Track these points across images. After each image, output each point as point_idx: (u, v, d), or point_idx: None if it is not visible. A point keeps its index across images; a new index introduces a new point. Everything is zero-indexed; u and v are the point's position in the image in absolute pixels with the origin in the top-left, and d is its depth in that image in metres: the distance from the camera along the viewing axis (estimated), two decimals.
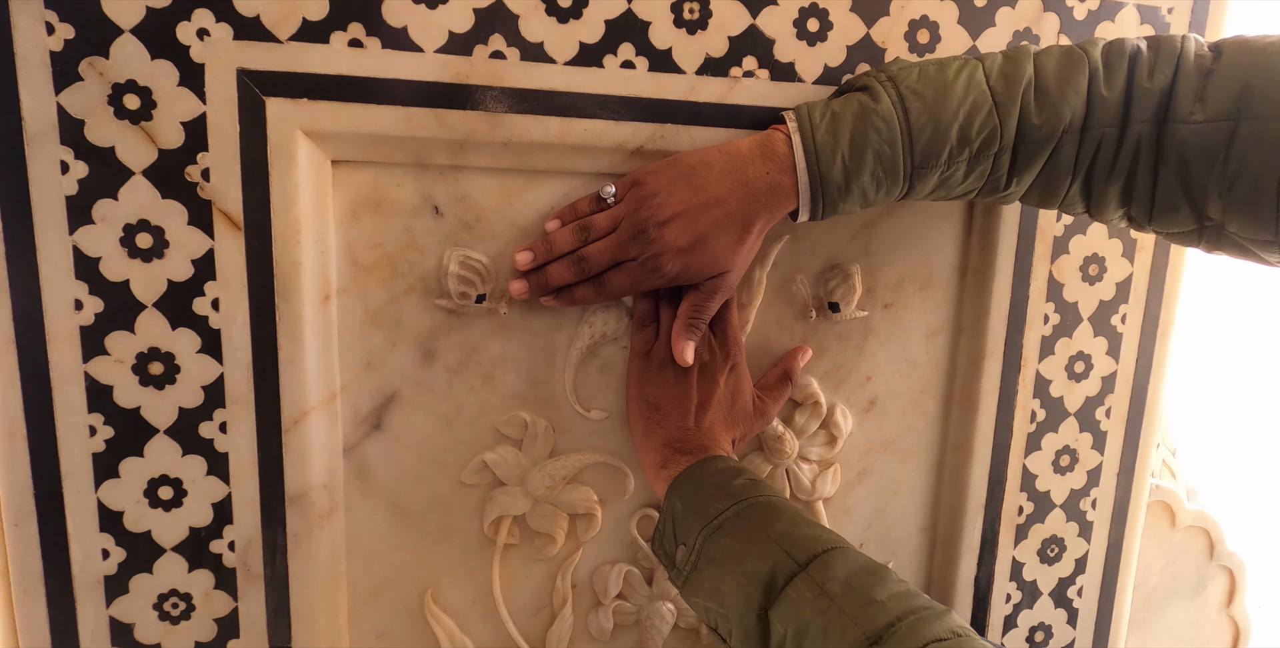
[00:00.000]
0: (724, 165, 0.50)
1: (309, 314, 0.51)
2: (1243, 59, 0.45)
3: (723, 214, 0.50)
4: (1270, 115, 0.43)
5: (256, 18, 0.47)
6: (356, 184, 0.52)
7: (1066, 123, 0.47)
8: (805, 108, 0.50)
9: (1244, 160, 0.44)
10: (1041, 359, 0.65)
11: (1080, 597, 0.71)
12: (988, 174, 0.50)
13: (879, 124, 0.48)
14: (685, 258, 0.50)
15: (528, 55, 0.51)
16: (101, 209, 0.47)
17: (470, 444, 0.57)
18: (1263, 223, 0.45)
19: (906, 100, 0.48)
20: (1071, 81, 0.47)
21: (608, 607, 0.61)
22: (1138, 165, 0.48)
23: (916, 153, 0.48)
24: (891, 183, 0.49)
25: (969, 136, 0.48)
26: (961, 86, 0.48)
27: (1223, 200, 0.46)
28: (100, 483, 0.50)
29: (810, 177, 0.49)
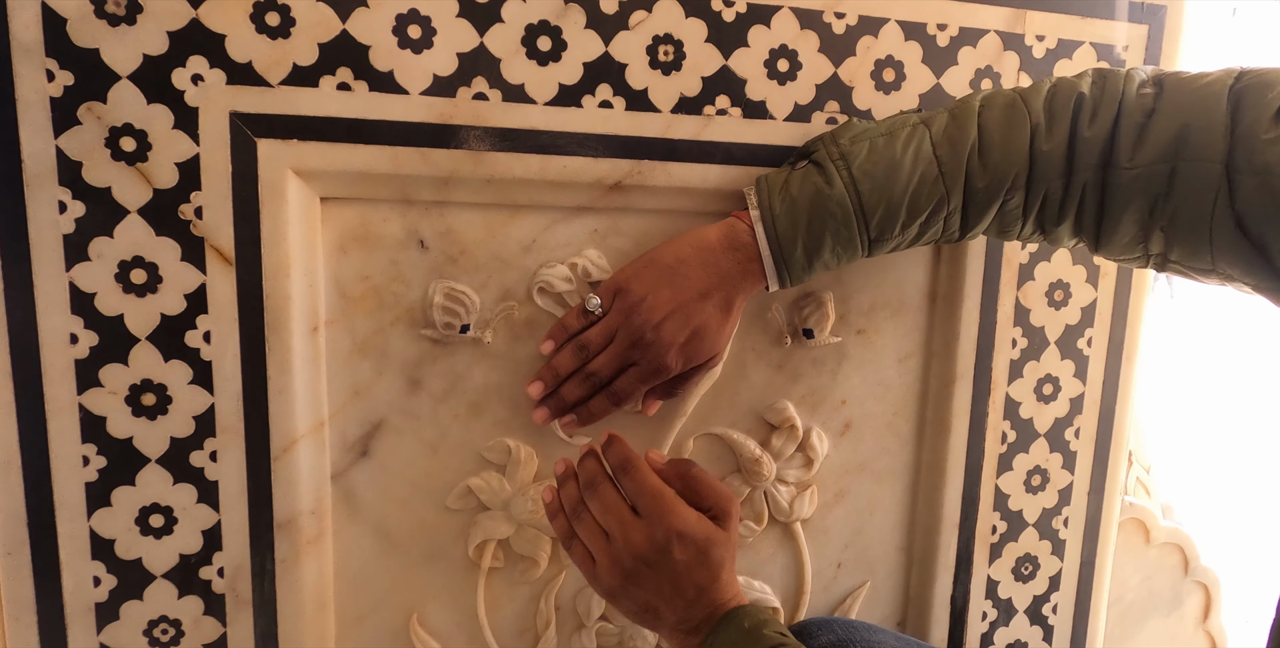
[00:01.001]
0: (698, 259, 0.53)
1: (298, 345, 0.53)
2: (1181, 99, 0.47)
3: (709, 304, 0.53)
4: (1205, 158, 0.46)
5: (249, 63, 0.49)
6: (345, 220, 0.54)
7: (1010, 180, 0.50)
8: (766, 191, 0.53)
9: (1183, 199, 0.47)
10: (1011, 382, 0.67)
11: (1055, 614, 0.73)
12: (941, 232, 0.53)
13: (834, 209, 0.51)
14: (686, 351, 0.54)
15: (509, 96, 0.53)
16: (97, 246, 0.49)
17: (455, 470, 0.58)
18: (1200, 254, 0.48)
19: (859, 183, 0.51)
20: (1014, 140, 0.50)
21: (591, 629, 0.62)
22: (1084, 207, 0.50)
23: (871, 229, 0.52)
24: (850, 254, 0.53)
25: (919, 207, 0.51)
26: (910, 161, 0.50)
27: (1164, 234, 0.49)
28: (92, 512, 0.51)
29: (776, 262, 0.53)
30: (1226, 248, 0.46)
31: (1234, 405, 1.35)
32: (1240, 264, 0.47)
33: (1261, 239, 0.45)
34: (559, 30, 0.53)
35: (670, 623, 0.51)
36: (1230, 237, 0.46)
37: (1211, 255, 0.47)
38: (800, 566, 0.66)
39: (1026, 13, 0.61)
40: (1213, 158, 0.45)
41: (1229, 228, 0.46)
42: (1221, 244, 0.46)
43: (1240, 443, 1.34)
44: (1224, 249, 0.46)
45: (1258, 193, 0.44)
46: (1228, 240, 0.46)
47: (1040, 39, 0.62)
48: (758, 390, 0.63)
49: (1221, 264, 0.48)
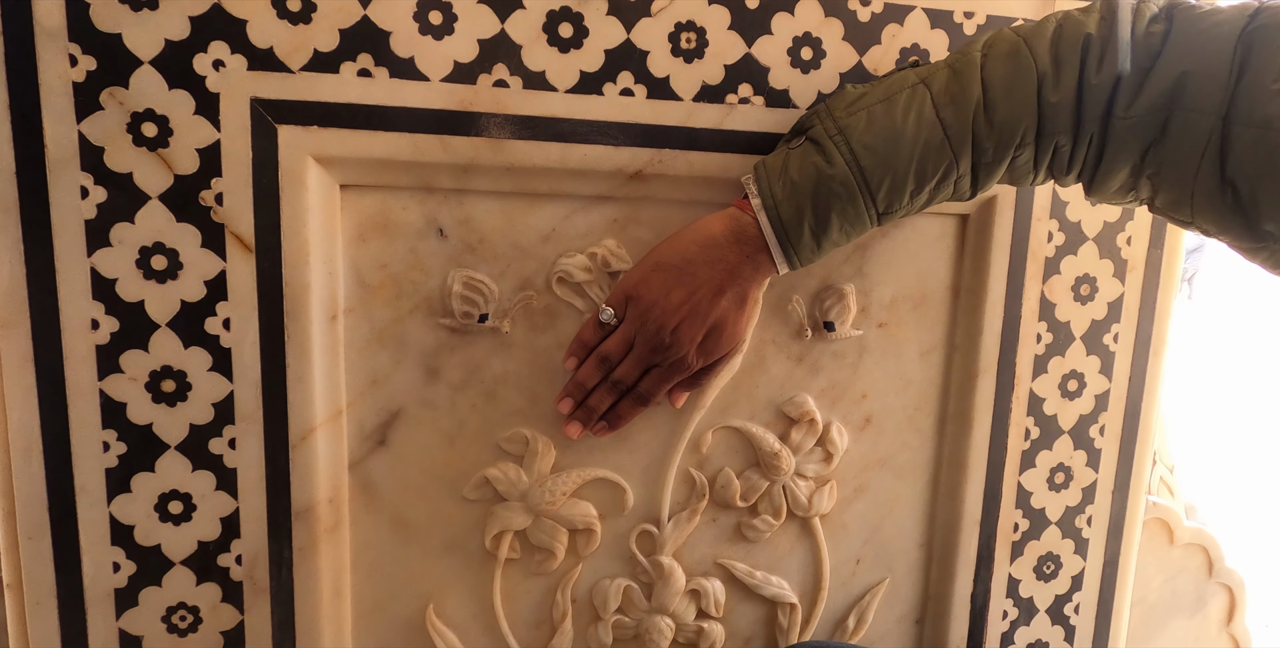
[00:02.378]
0: (705, 257, 0.52)
1: (317, 333, 0.52)
2: (1187, 41, 0.45)
3: (722, 300, 0.53)
4: (1201, 109, 0.44)
5: (270, 49, 0.49)
6: (364, 207, 0.53)
7: (1019, 137, 0.48)
8: (766, 178, 0.51)
9: (1172, 149, 0.46)
10: (1035, 377, 0.66)
11: (1077, 614, 0.72)
12: (951, 194, 0.52)
13: (837, 188, 0.49)
14: (705, 348, 0.55)
15: (530, 84, 0.52)
16: (119, 232, 0.49)
17: (473, 460, 0.58)
18: (1181, 205, 0.48)
19: (861, 158, 0.49)
20: (1020, 94, 0.47)
21: (607, 621, 0.62)
22: (1088, 157, 0.49)
23: (879, 202, 0.50)
24: (860, 229, 0.52)
25: (926, 175, 0.50)
26: (912, 127, 0.48)
27: (1150, 181, 0.48)
28: (112, 498, 0.51)
29: (783, 248, 0.52)
30: (1205, 203, 0.46)
31: (1259, 408, 1.33)
32: (1216, 220, 0.47)
33: (1252, 197, 0.44)
34: (581, 17, 0.52)
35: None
36: (1212, 192, 0.45)
37: (1191, 209, 0.47)
38: (819, 561, 0.66)
39: (1056, 0, 0.60)
40: (1208, 109, 0.44)
41: (1213, 184, 0.45)
42: (1201, 199, 0.46)
43: (1265, 445, 1.32)
44: (1203, 204, 0.46)
45: (1254, 147, 0.43)
46: (1208, 195, 0.46)
47: None
48: (777, 384, 0.62)
49: (1200, 219, 0.48)
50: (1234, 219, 0.46)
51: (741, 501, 0.63)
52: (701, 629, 0.64)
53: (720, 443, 0.62)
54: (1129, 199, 0.52)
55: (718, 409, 0.61)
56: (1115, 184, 0.50)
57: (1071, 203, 0.63)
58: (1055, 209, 0.63)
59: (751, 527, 0.63)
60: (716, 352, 0.55)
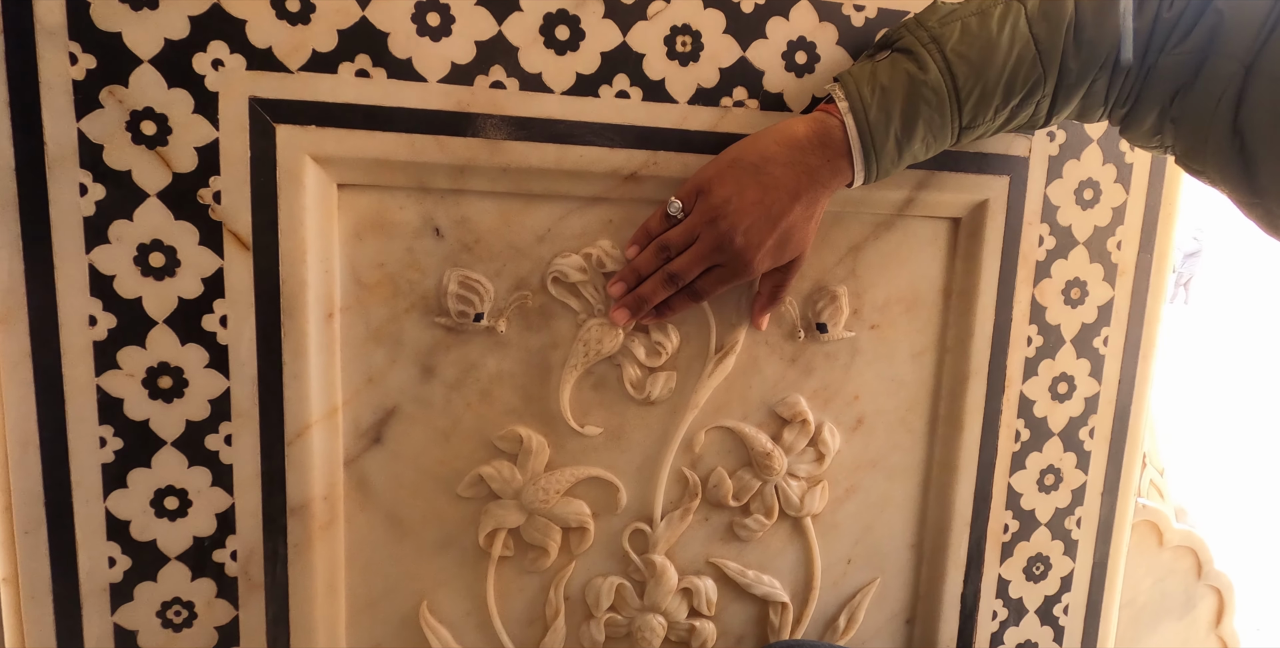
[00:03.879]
0: (786, 157, 0.51)
1: (313, 331, 0.53)
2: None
3: (797, 205, 0.52)
4: (1230, 54, 0.46)
5: (269, 49, 0.49)
6: (361, 207, 0.54)
7: (1102, 61, 0.49)
8: (853, 83, 0.51)
9: (1198, 94, 0.47)
10: (1025, 380, 0.66)
11: (1066, 615, 0.72)
12: (1029, 116, 0.52)
13: (928, 95, 0.49)
14: (773, 254, 0.53)
15: (527, 85, 0.53)
16: (117, 229, 0.49)
17: (467, 458, 0.59)
18: (1195, 153, 0.49)
19: (954, 66, 0.49)
20: (1109, 16, 0.48)
21: (599, 619, 0.62)
22: (1134, 93, 0.50)
23: (964, 115, 0.50)
24: (940, 143, 0.52)
25: (1014, 89, 0.49)
26: (1006, 40, 0.48)
27: (1174, 126, 0.49)
28: (109, 493, 0.52)
29: (866, 155, 0.51)
30: (1215, 150, 0.47)
31: (1249, 411, 1.34)
32: (1221, 169, 0.48)
33: (1255, 149, 0.45)
34: (577, 19, 0.53)
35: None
36: (1222, 139, 0.46)
37: (1204, 156, 0.48)
38: (810, 561, 0.66)
39: None
40: (1233, 55, 0.45)
41: (1224, 131, 0.46)
42: (1212, 146, 0.47)
43: (1255, 449, 1.33)
44: (1214, 152, 0.47)
45: (1269, 100, 0.44)
46: (1218, 142, 0.47)
47: None
48: (770, 384, 0.63)
49: (1209, 168, 0.49)
50: (1236, 170, 0.47)
51: (734, 500, 0.63)
52: (693, 628, 0.64)
53: (713, 443, 0.63)
54: (1155, 144, 0.52)
55: (711, 409, 0.62)
56: (1145, 124, 0.51)
57: (1062, 207, 0.64)
58: (1046, 213, 0.64)
59: (744, 526, 0.64)
60: (782, 257, 0.54)
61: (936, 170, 0.60)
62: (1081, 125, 0.63)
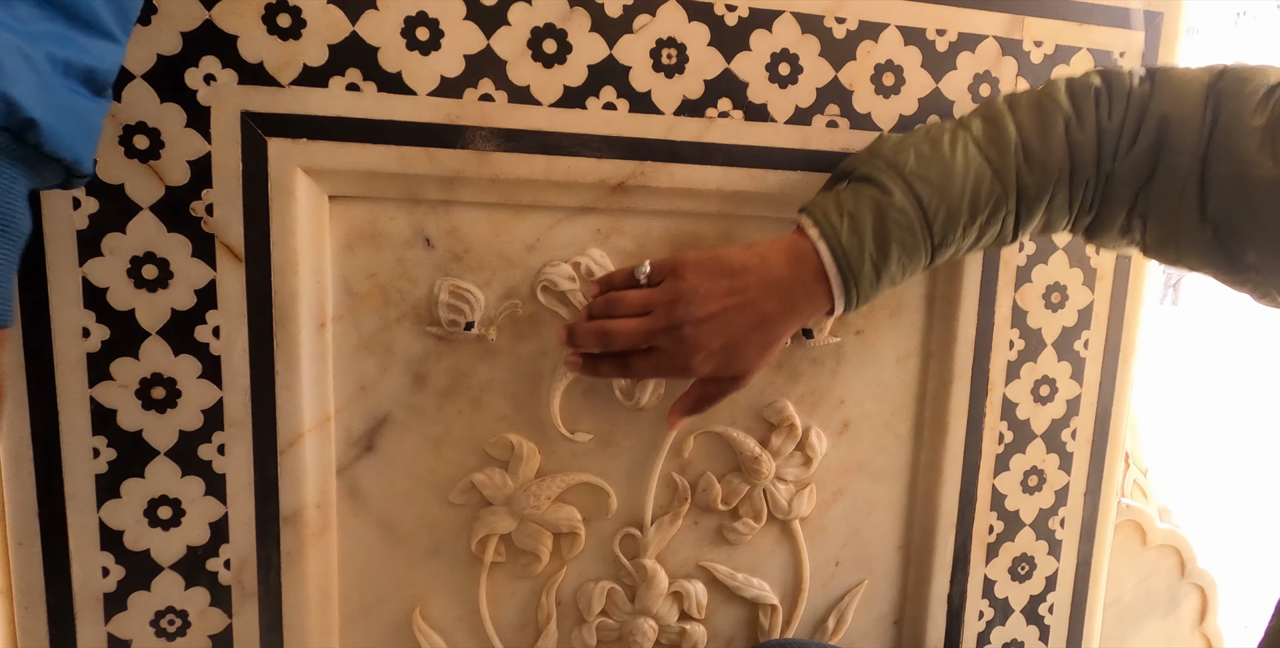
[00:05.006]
0: (761, 272, 0.51)
1: (305, 341, 0.53)
2: (1167, 90, 0.49)
3: (757, 319, 0.51)
4: (1181, 150, 0.48)
5: (260, 63, 0.50)
6: (352, 218, 0.55)
7: (1056, 175, 0.50)
8: (819, 211, 0.51)
9: (1159, 189, 0.49)
10: (1008, 383, 0.67)
11: (1051, 614, 0.73)
12: (997, 234, 0.53)
13: (896, 216, 0.49)
14: (717, 361, 0.51)
15: (515, 98, 0.54)
16: (110, 242, 0.50)
17: (459, 465, 0.59)
18: (1167, 244, 0.51)
19: (916, 188, 0.50)
20: (1052, 135, 0.50)
21: (591, 624, 0.63)
22: (1098, 198, 0.52)
23: (935, 233, 0.50)
24: (915, 264, 0.52)
25: (979, 207, 0.50)
26: (961, 162, 0.50)
27: (1143, 221, 0.51)
28: (102, 503, 0.52)
29: (844, 280, 0.50)
30: (1188, 240, 0.49)
31: (1232, 411, 1.36)
32: (1199, 255, 0.50)
33: (1231, 230, 0.47)
34: (564, 33, 0.54)
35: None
36: (1194, 228, 0.49)
37: (1177, 246, 0.50)
38: (799, 563, 0.67)
39: (1025, 18, 0.62)
40: (1186, 150, 0.48)
41: (1194, 220, 0.48)
42: (1185, 236, 0.49)
43: (1238, 447, 1.34)
44: (1187, 241, 0.50)
45: (1233, 183, 0.46)
46: (1190, 232, 0.49)
47: (1038, 44, 0.62)
48: (757, 389, 0.64)
49: (1185, 256, 0.51)
50: (1216, 254, 0.49)
51: (723, 504, 0.64)
52: (684, 631, 0.65)
53: (702, 448, 0.64)
54: (1125, 242, 0.54)
55: (699, 415, 0.62)
56: (1115, 225, 0.52)
57: None
58: None
59: (733, 530, 0.65)
60: (724, 370, 0.52)
61: None
62: None
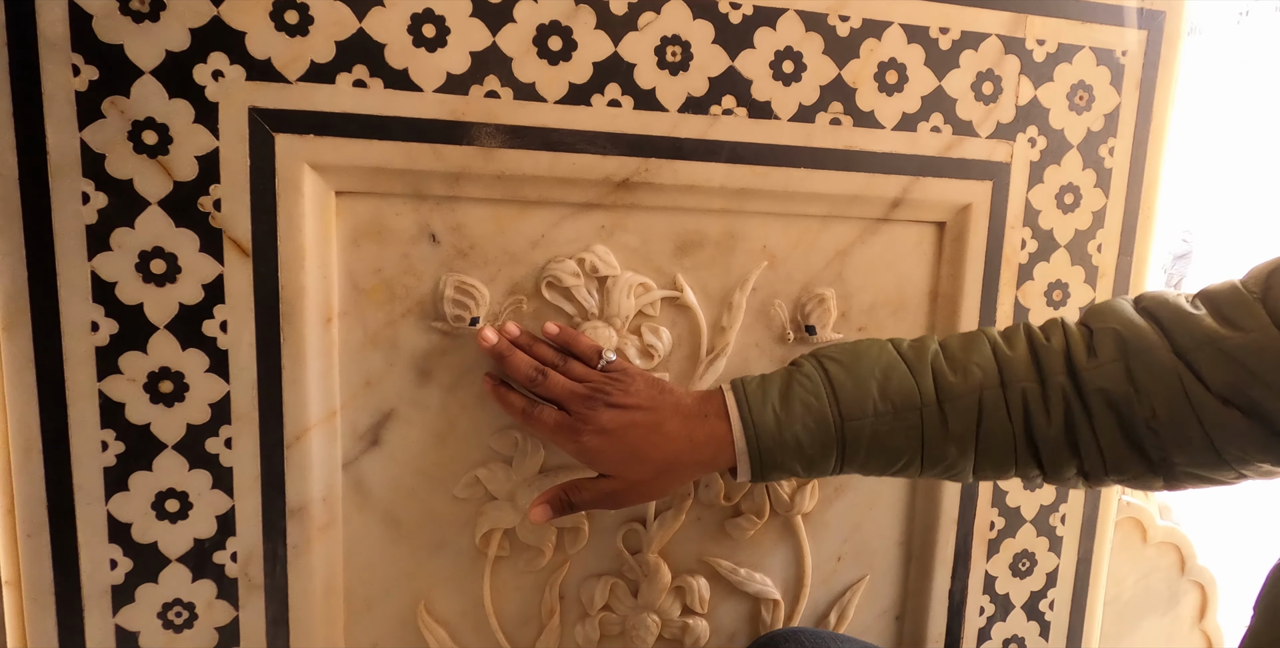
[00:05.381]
0: (675, 398, 0.54)
1: (311, 336, 0.54)
2: (1106, 319, 0.50)
3: (657, 429, 0.52)
4: (1150, 348, 0.47)
5: (268, 60, 0.50)
6: (358, 213, 0.55)
7: (981, 379, 0.50)
8: (740, 378, 0.54)
9: (1151, 389, 0.47)
10: None
11: (1052, 610, 0.74)
12: (920, 433, 0.51)
13: (803, 380, 0.52)
14: (600, 439, 0.52)
15: (520, 94, 0.54)
16: (119, 237, 0.50)
17: (463, 460, 0.60)
18: (1198, 447, 0.46)
19: (825, 363, 0.53)
20: (975, 349, 0.52)
21: (594, 618, 0.64)
22: (1072, 414, 0.49)
23: (842, 403, 0.51)
24: (824, 433, 0.51)
25: (888, 391, 0.51)
26: (874, 353, 0.52)
27: (1153, 431, 0.48)
28: (110, 496, 0.53)
29: (743, 418, 0.51)
30: (1221, 426, 0.45)
31: None
32: (1241, 441, 0.45)
33: (1253, 406, 0.44)
34: (570, 30, 0.54)
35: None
36: (1220, 413, 0.45)
37: (1212, 443, 0.46)
38: (800, 559, 0.67)
39: (1028, 17, 0.62)
40: (1157, 346, 0.47)
41: (1214, 405, 0.45)
42: (1215, 423, 0.45)
43: None
44: (1219, 428, 0.45)
45: (1219, 363, 0.44)
46: (1218, 418, 0.45)
47: (1041, 43, 0.63)
48: None
49: (1229, 450, 0.46)
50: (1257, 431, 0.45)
51: (725, 500, 0.64)
52: (686, 625, 0.65)
53: None
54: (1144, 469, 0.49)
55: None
56: (1123, 447, 0.49)
57: (1044, 211, 0.66)
58: (1028, 217, 0.65)
59: (735, 525, 0.65)
60: (601, 453, 0.52)
61: (920, 176, 0.62)
62: (1062, 131, 0.65)
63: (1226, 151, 2.53)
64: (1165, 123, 0.67)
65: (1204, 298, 0.48)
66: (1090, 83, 0.65)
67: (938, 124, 0.62)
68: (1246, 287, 0.46)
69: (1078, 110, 0.65)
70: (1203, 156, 2.92)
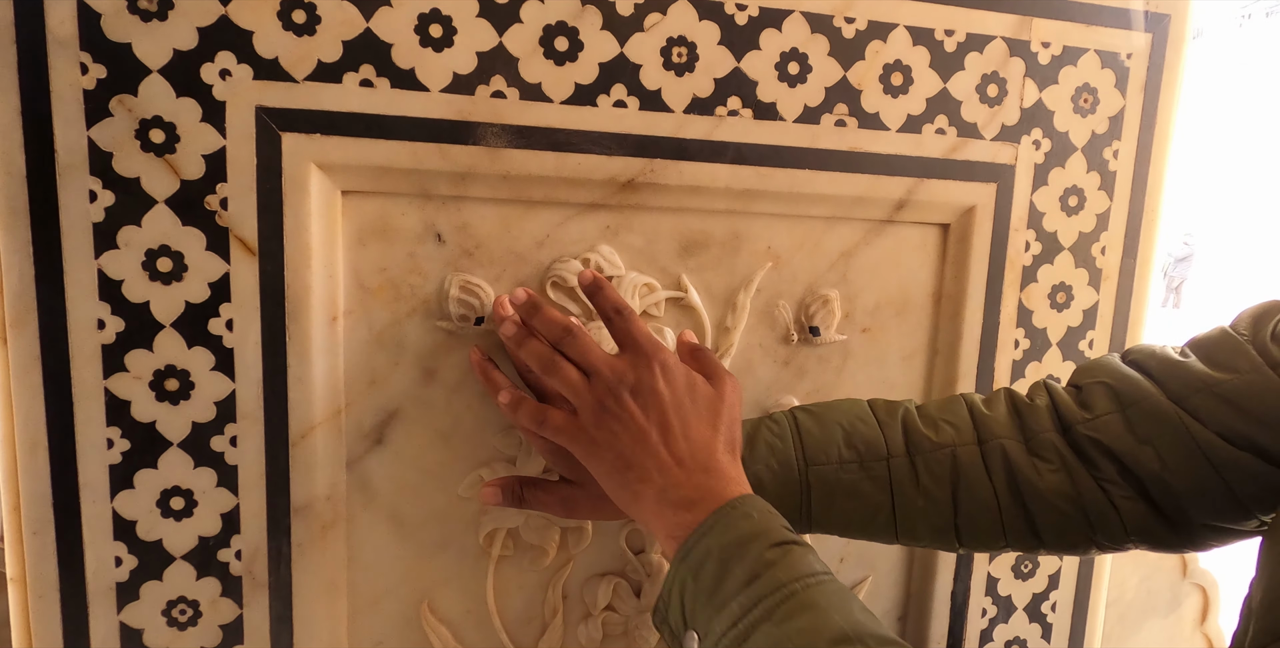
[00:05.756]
0: None
1: (317, 335, 0.54)
2: (1094, 374, 0.49)
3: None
4: (1142, 398, 0.46)
5: (275, 59, 0.50)
6: (364, 213, 0.55)
7: (954, 435, 0.49)
8: None
9: (1153, 437, 0.45)
10: (1013, 382, 0.68)
11: (1054, 612, 0.74)
12: (889, 485, 0.50)
13: (770, 425, 0.53)
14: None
15: (526, 95, 0.54)
16: (126, 235, 0.50)
17: (468, 459, 0.60)
18: (1216, 495, 0.44)
19: (796, 413, 0.54)
20: (950, 408, 0.51)
21: (597, 618, 0.64)
22: (1071, 469, 0.48)
23: (807, 447, 0.51)
24: (786, 474, 0.50)
25: (853, 440, 0.50)
26: (845, 406, 0.53)
27: (1163, 482, 0.46)
28: (115, 493, 0.53)
29: None
30: (1235, 470, 0.43)
31: None
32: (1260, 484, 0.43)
33: (1261, 449, 0.42)
34: (576, 31, 0.54)
35: (656, 488, 0.44)
36: (1232, 456, 0.43)
37: (1231, 490, 0.44)
38: None
39: (1033, 20, 0.62)
40: (1152, 395, 0.46)
41: (1224, 448, 0.43)
42: (1229, 467, 0.44)
43: None
44: (1234, 471, 0.43)
45: (1218, 408, 0.44)
46: (1231, 461, 0.43)
47: (1046, 45, 0.63)
48: (764, 386, 0.64)
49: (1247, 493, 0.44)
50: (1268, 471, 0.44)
51: None
52: None
53: None
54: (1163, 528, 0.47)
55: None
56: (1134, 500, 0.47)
57: (1048, 214, 0.66)
58: (1032, 220, 0.65)
59: None
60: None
61: (925, 178, 0.62)
62: (1067, 134, 0.65)
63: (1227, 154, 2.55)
64: (1170, 126, 0.67)
65: (1192, 346, 0.47)
66: (1095, 85, 0.65)
67: (942, 126, 0.62)
68: (1236, 330, 0.45)
69: (1082, 113, 0.65)
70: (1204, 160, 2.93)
